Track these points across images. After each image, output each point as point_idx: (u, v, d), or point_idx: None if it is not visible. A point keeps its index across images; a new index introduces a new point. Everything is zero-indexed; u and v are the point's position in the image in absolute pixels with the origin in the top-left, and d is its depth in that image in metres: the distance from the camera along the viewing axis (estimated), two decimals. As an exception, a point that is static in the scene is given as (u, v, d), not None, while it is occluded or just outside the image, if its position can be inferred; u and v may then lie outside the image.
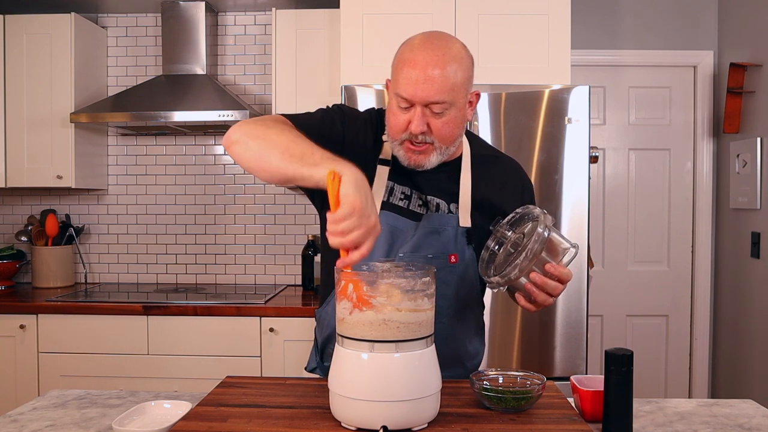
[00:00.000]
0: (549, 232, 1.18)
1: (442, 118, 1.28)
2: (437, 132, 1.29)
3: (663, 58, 3.25)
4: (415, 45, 1.28)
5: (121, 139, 3.32)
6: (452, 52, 1.27)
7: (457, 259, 1.37)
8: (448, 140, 1.32)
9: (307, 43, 2.90)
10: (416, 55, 1.26)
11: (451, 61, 1.26)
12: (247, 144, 1.21)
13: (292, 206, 3.28)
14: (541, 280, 1.18)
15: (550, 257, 1.19)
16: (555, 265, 1.18)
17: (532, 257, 1.16)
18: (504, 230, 1.26)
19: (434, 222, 1.37)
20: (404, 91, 1.26)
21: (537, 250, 1.16)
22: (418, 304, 1.07)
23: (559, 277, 1.18)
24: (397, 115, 1.30)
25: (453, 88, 1.26)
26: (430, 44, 1.27)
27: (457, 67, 1.26)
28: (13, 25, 2.97)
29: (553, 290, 1.19)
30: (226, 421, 1.10)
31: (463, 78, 1.28)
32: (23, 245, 3.29)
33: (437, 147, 1.31)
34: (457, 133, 1.33)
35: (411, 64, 1.26)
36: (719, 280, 3.24)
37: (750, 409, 1.33)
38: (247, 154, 1.22)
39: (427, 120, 1.28)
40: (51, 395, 1.40)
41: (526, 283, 1.19)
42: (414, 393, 1.05)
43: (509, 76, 2.51)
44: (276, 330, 2.66)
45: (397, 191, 1.39)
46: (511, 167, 1.50)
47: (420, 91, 1.25)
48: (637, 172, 3.31)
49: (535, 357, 2.41)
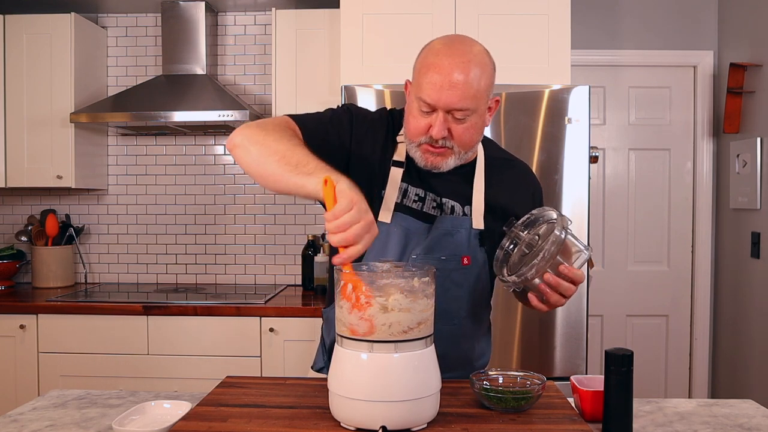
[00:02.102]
0: (566, 235, 1.19)
1: (463, 124, 1.28)
2: (458, 137, 1.29)
3: (663, 58, 3.24)
4: (440, 50, 1.28)
5: (121, 139, 3.32)
6: (477, 58, 1.27)
7: (469, 261, 1.37)
8: (467, 146, 1.32)
9: (307, 43, 2.90)
10: (441, 60, 1.25)
11: (475, 66, 1.26)
12: (248, 149, 1.23)
13: (292, 206, 3.28)
14: (555, 281, 1.19)
15: (563, 259, 1.20)
16: (569, 267, 1.19)
17: (549, 258, 1.17)
18: (518, 231, 1.27)
19: (447, 224, 1.37)
20: (428, 96, 1.26)
21: (554, 251, 1.17)
22: (417, 304, 1.07)
23: (572, 278, 1.20)
24: (418, 118, 1.30)
25: (476, 95, 1.26)
26: (455, 49, 1.27)
27: (480, 73, 1.26)
28: (13, 25, 2.97)
29: (566, 291, 1.20)
30: (226, 421, 1.10)
31: (486, 84, 1.28)
32: (23, 245, 3.29)
33: (456, 152, 1.31)
34: (476, 139, 1.34)
35: (436, 68, 1.25)
36: (719, 280, 3.24)
37: (750, 409, 1.33)
38: (247, 159, 1.23)
39: (448, 125, 1.28)
40: (51, 395, 1.40)
41: (540, 284, 1.20)
42: (413, 393, 1.05)
43: (509, 76, 2.51)
44: (276, 330, 2.66)
45: (411, 193, 1.39)
46: (524, 172, 1.51)
47: (444, 96, 1.24)
48: (637, 172, 3.31)
49: (535, 357, 2.41)
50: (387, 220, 1.36)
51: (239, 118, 2.79)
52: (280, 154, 1.17)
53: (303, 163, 1.15)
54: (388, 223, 1.36)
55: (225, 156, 3.30)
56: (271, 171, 1.18)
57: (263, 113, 3.23)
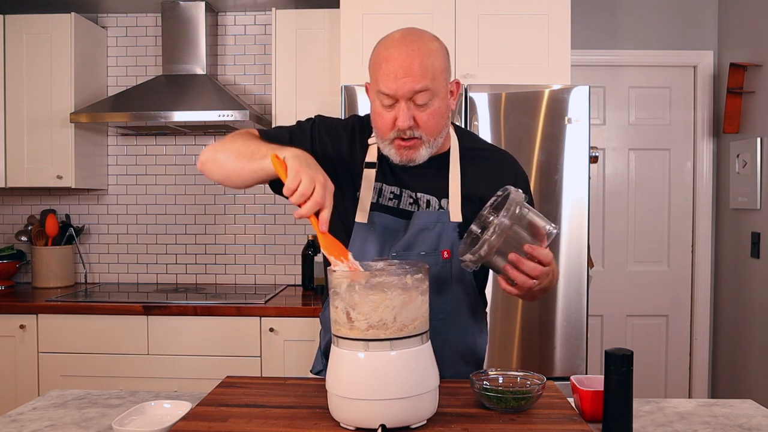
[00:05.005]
0: (520, 209, 1.17)
1: (426, 110, 1.30)
2: (423, 124, 1.30)
3: (663, 58, 3.25)
4: (390, 43, 1.31)
5: (121, 139, 3.32)
6: (426, 44, 1.30)
7: (450, 255, 1.37)
8: (435, 131, 1.33)
9: (307, 43, 2.90)
10: (392, 52, 1.28)
11: (426, 51, 1.29)
12: (214, 158, 1.35)
13: (292, 206, 3.27)
14: (517, 258, 1.17)
15: (533, 240, 1.18)
16: (533, 246, 1.18)
17: (500, 232, 1.15)
18: (487, 214, 1.26)
19: (424, 219, 1.37)
20: (386, 87, 1.28)
21: (506, 224, 1.15)
22: (411, 301, 1.07)
23: (537, 257, 1.18)
24: (383, 115, 1.31)
25: (433, 75, 1.28)
26: (404, 39, 1.30)
27: (433, 57, 1.29)
28: (13, 25, 2.97)
29: (531, 270, 1.18)
30: (226, 421, 1.10)
31: (441, 66, 1.30)
32: (23, 245, 3.29)
33: (425, 140, 1.32)
34: (443, 124, 1.34)
35: (388, 60, 1.28)
36: (719, 280, 3.24)
37: (750, 409, 1.33)
38: (214, 167, 1.36)
39: (412, 113, 1.29)
40: (51, 395, 1.40)
41: (505, 265, 1.19)
42: (411, 390, 1.05)
43: (509, 76, 2.51)
44: (276, 330, 2.66)
45: (386, 192, 1.40)
46: (504, 161, 1.49)
47: (402, 83, 1.26)
48: (637, 172, 3.31)
49: (535, 357, 2.41)
50: (363, 221, 1.37)
51: (239, 118, 2.79)
52: (237, 151, 1.31)
53: (257, 151, 1.28)
54: (365, 224, 1.37)
55: (225, 156, 3.29)
56: (233, 167, 1.31)
57: (263, 113, 3.23)
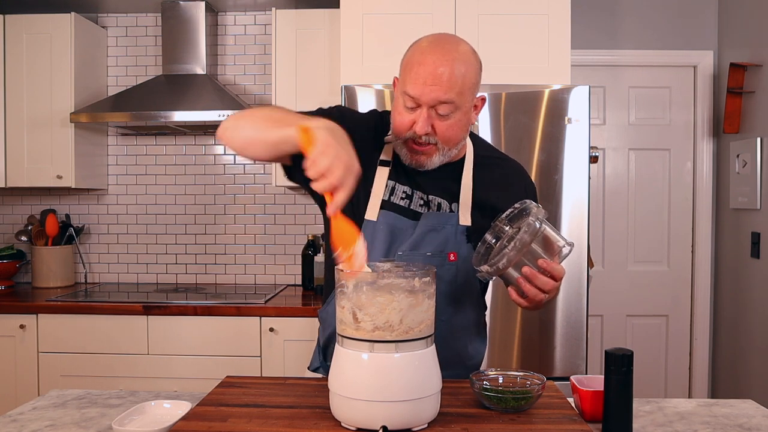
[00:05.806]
0: (541, 225, 1.17)
1: (447, 120, 1.29)
2: (441, 134, 1.30)
3: (663, 58, 3.24)
4: (425, 46, 1.30)
5: (121, 139, 3.32)
6: (462, 56, 1.28)
7: (456, 257, 1.37)
8: (451, 142, 1.33)
9: (307, 43, 2.90)
10: (426, 56, 1.27)
11: (459, 62, 1.27)
12: (236, 125, 1.28)
13: (292, 206, 3.28)
14: (532, 273, 1.17)
15: (546, 254, 1.19)
16: (548, 261, 1.18)
17: (521, 247, 1.16)
18: (502, 225, 1.27)
19: (433, 220, 1.37)
20: (412, 90, 1.27)
21: (526, 240, 1.16)
22: (418, 304, 1.07)
23: (551, 272, 1.18)
24: (403, 114, 1.31)
25: (461, 89, 1.27)
26: (440, 46, 1.29)
27: (465, 69, 1.28)
28: (13, 25, 2.97)
29: (543, 285, 1.18)
30: (226, 421, 1.10)
31: (471, 81, 1.29)
32: (23, 245, 3.29)
33: (440, 148, 1.32)
34: (460, 136, 1.34)
35: (421, 64, 1.27)
36: (719, 280, 3.24)
37: (750, 409, 1.33)
38: (235, 135, 1.28)
39: (431, 122, 1.29)
40: (51, 395, 1.40)
41: (519, 277, 1.19)
42: (414, 393, 1.05)
43: (509, 76, 2.51)
44: (276, 330, 2.66)
45: (398, 191, 1.40)
46: (515, 170, 1.50)
47: (428, 91, 1.26)
48: (637, 172, 3.31)
49: (535, 357, 2.41)
50: (373, 218, 1.37)
51: (239, 118, 2.78)
52: (265, 116, 1.25)
53: (285, 118, 1.21)
54: (374, 221, 1.37)
55: (225, 156, 3.30)
56: (257, 133, 1.23)
57: (263, 113, 3.22)
